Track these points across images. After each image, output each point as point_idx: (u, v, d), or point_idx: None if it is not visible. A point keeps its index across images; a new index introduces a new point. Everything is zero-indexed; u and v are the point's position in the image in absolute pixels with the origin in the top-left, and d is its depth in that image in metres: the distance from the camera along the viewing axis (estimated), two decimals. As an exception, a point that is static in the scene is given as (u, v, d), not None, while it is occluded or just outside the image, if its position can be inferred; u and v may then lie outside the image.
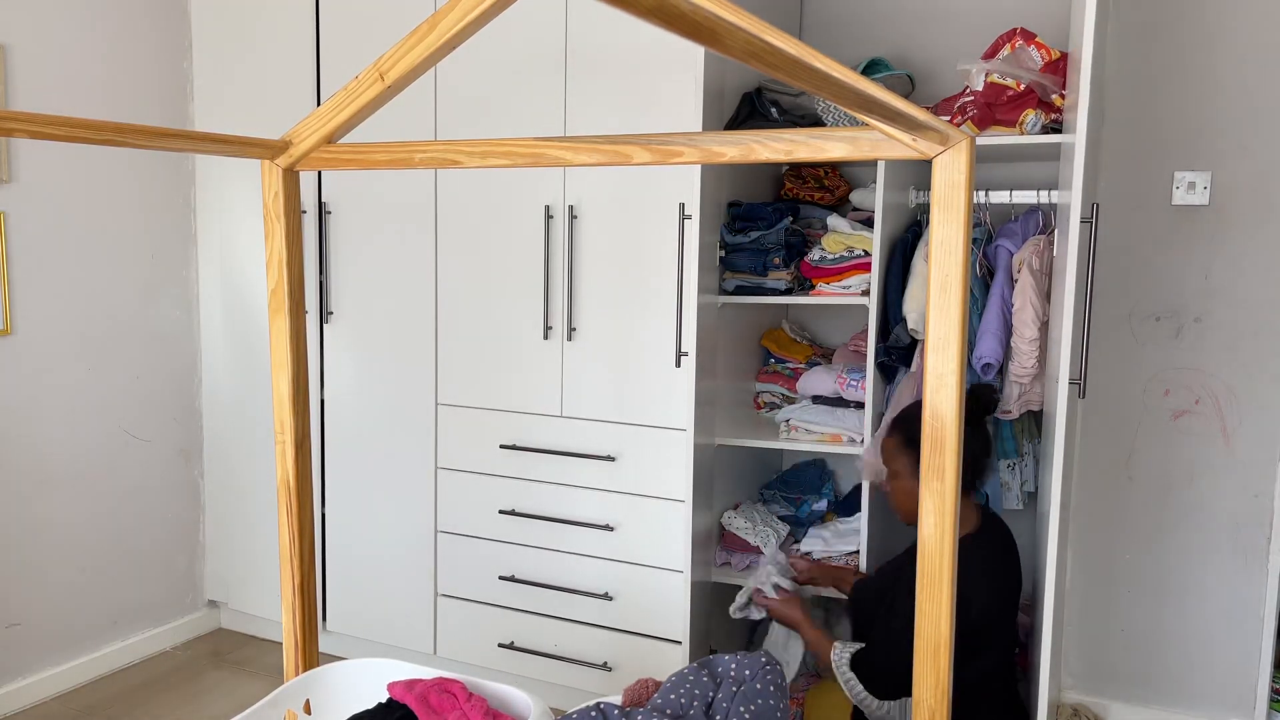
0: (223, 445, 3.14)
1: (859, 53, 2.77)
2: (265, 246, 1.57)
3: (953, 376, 1.12)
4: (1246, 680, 2.57)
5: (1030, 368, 2.32)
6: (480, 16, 1.09)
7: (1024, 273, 2.34)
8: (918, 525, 2.18)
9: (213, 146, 1.39)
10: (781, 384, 2.79)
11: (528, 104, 2.54)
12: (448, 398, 2.74)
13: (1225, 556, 2.57)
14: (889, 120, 1.00)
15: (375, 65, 1.27)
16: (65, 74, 2.70)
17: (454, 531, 2.78)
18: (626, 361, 2.51)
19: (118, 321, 2.90)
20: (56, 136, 1.18)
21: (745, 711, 1.57)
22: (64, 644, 2.80)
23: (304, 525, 1.65)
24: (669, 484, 2.48)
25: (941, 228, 1.10)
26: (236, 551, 3.14)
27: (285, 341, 1.58)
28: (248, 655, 3.08)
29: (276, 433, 1.62)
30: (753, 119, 2.50)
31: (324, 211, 2.85)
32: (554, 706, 2.17)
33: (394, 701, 1.66)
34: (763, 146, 1.21)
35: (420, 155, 1.46)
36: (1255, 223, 2.49)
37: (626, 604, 2.57)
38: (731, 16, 0.63)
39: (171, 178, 3.04)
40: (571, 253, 2.54)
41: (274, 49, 2.87)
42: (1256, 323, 2.51)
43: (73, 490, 2.80)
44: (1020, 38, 2.38)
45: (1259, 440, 2.52)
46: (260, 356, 3.01)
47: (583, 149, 1.33)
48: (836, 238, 2.55)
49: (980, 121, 2.35)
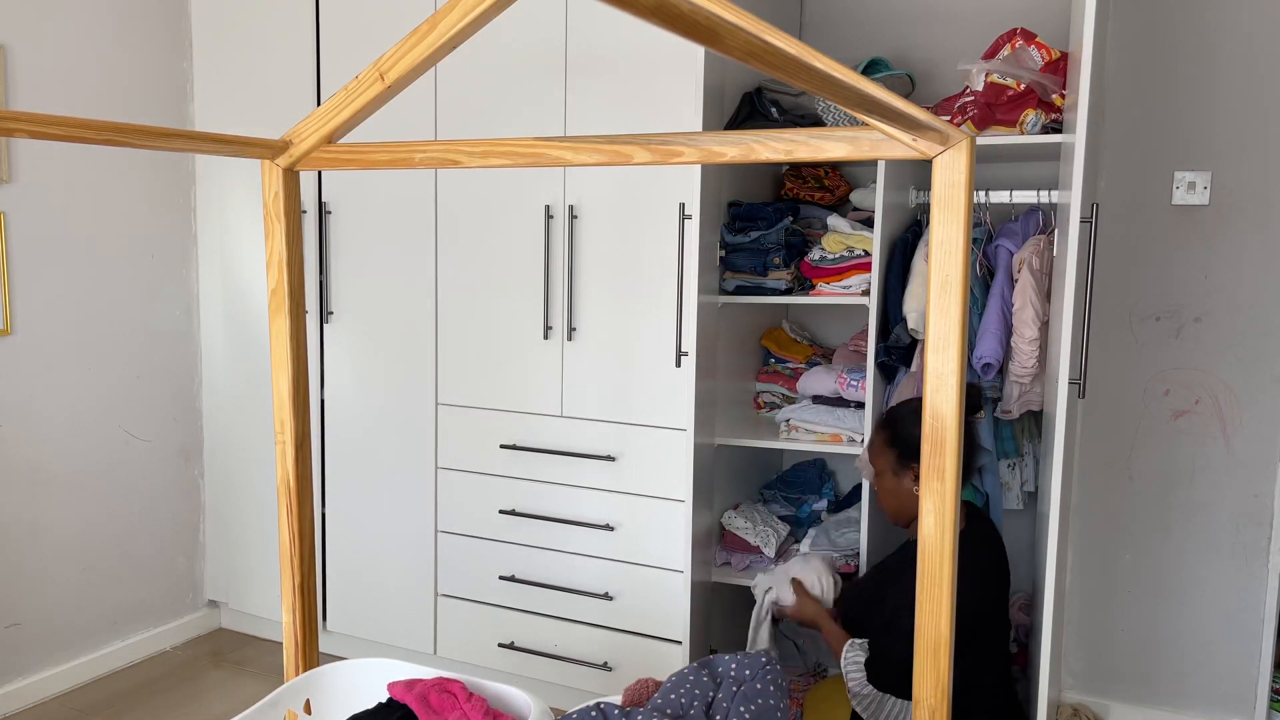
0: (223, 445, 3.14)
1: (859, 53, 2.77)
2: (265, 246, 1.57)
3: (953, 376, 1.12)
4: (1246, 680, 2.57)
5: (1030, 368, 2.32)
6: (480, 16, 1.09)
7: (1024, 273, 2.34)
8: (904, 524, 2.19)
9: (213, 146, 1.39)
10: (781, 384, 2.79)
11: (528, 104, 2.54)
12: (448, 398, 2.74)
13: (1225, 556, 2.57)
14: (889, 120, 1.00)
15: (375, 65, 1.27)
16: (65, 74, 2.70)
17: (454, 531, 2.78)
18: (627, 361, 2.51)
19: (118, 321, 2.90)
20: (56, 136, 1.18)
21: (745, 711, 1.57)
22: (64, 644, 2.80)
23: (304, 525, 1.65)
24: (669, 484, 2.48)
25: (941, 227, 1.10)
26: (236, 551, 3.14)
27: (285, 341, 1.58)
28: (248, 655, 3.08)
29: (276, 433, 1.62)
30: (753, 119, 2.50)
31: (324, 211, 2.85)
32: (554, 706, 2.17)
33: (394, 701, 1.66)
34: (763, 146, 1.21)
35: (420, 155, 1.46)
36: (1255, 223, 2.49)
37: (627, 604, 2.57)
38: (731, 16, 0.63)
39: (171, 178, 3.04)
40: (571, 253, 2.54)
41: (274, 49, 2.87)
42: (1256, 323, 2.51)
43: (73, 490, 2.80)
44: (1020, 38, 2.38)
45: (1259, 440, 2.52)
46: (260, 357, 3.01)
47: (583, 149, 1.33)
48: (836, 238, 2.55)
49: (980, 121, 2.35)
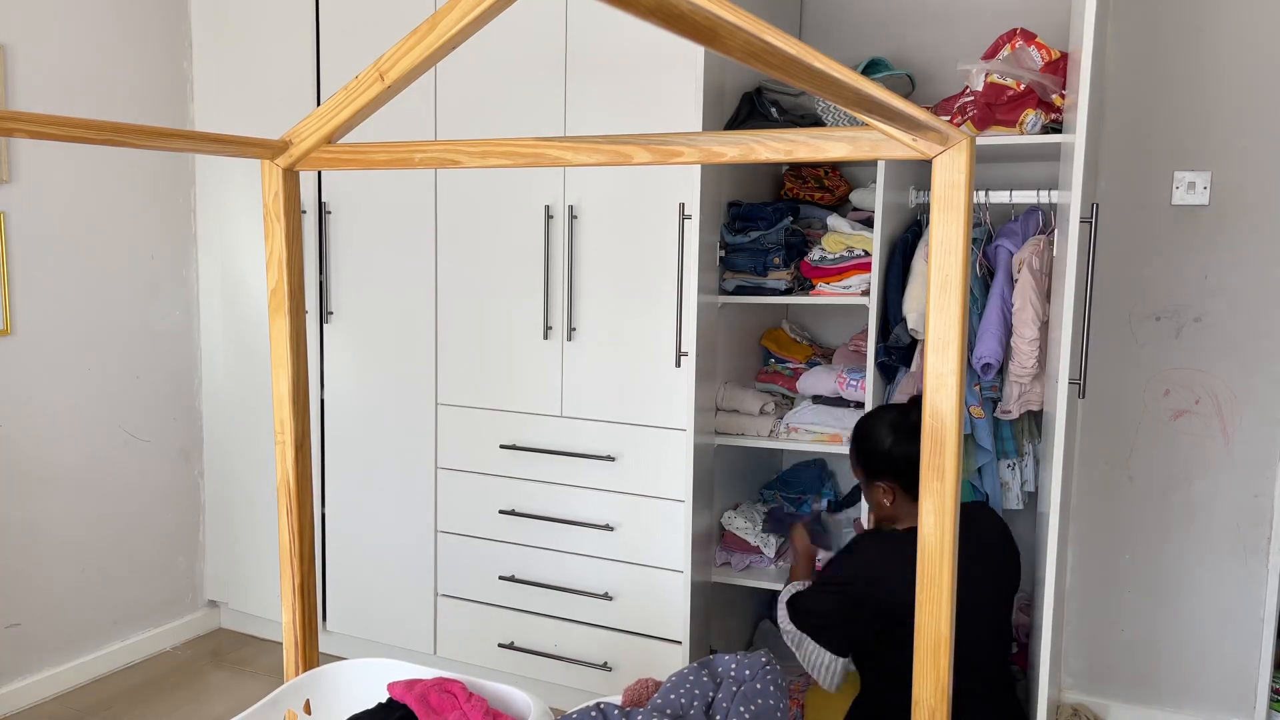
0: (223, 445, 3.14)
1: (859, 53, 2.77)
2: (265, 246, 1.57)
3: (953, 377, 1.12)
4: (1246, 680, 2.57)
5: (1030, 368, 2.32)
6: (480, 16, 1.09)
7: (1024, 273, 2.34)
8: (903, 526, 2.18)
9: (213, 146, 1.39)
10: (781, 384, 2.79)
11: (528, 104, 2.54)
12: (448, 398, 2.74)
13: (1225, 556, 2.57)
14: (889, 120, 1.00)
15: (375, 65, 1.27)
16: (65, 74, 2.70)
17: (454, 531, 2.78)
18: (626, 361, 2.51)
19: (118, 321, 2.90)
20: (56, 136, 1.18)
21: (745, 711, 1.57)
22: (64, 644, 2.80)
23: (304, 525, 1.65)
24: (669, 484, 2.48)
25: (941, 228, 1.10)
26: (236, 551, 3.14)
27: (285, 341, 1.58)
28: (248, 655, 3.08)
29: (276, 433, 1.61)
30: (753, 119, 2.50)
31: (324, 211, 2.85)
32: (554, 706, 2.17)
33: (394, 701, 1.66)
34: (763, 146, 1.21)
35: (420, 155, 1.46)
36: (1255, 223, 2.49)
37: (626, 604, 2.57)
38: (731, 16, 0.63)
39: (171, 178, 3.04)
40: (571, 253, 2.54)
41: (274, 49, 2.87)
42: (1256, 323, 2.51)
43: (73, 490, 2.80)
44: (1020, 38, 2.38)
45: (1259, 440, 2.52)
46: (260, 356, 3.01)
47: (583, 149, 1.33)
48: (836, 238, 2.55)
49: (980, 121, 2.35)
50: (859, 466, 2.10)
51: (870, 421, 2.10)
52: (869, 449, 2.05)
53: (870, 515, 2.16)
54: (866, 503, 2.15)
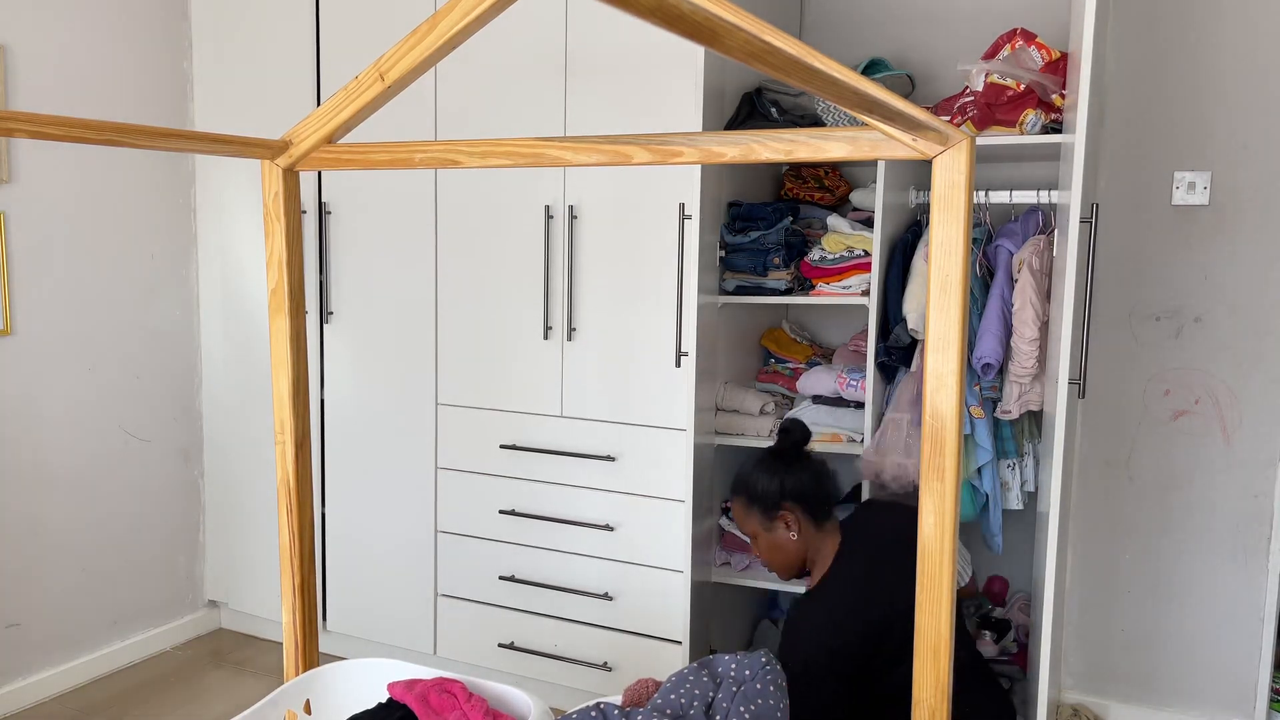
0: (223, 445, 3.14)
1: (859, 53, 2.77)
2: (265, 246, 1.57)
3: (953, 377, 1.12)
4: (1246, 680, 2.57)
5: (1030, 368, 2.32)
6: (480, 16, 1.09)
7: (1024, 273, 2.34)
8: (799, 575, 2.18)
9: (213, 146, 1.39)
10: (781, 384, 2.79)
11: (528, 104, 2.54)
12: (448, 398, 2.74)
13: (1225, 556, 2.57)
14: (889, 120, 1.00)
15: (375, 65, 1.27)
16: (65, 74, 2.70)
17: (454, 531, 2.78)
18: (626, 361, 2.51)
19: (118, 321, 2.90)
20: (56, 136, 1.18)
21: (745, 711, 1.57)
22: (64, 644, 2.80)
23: (304, 525, 1.65)
24: (669, 484, 2.48)
25: (941, 228, 1.10)
26: (236, 551, 3.14)
27: (285, 341, 1.58)
28: (248, 655, 3.08)
29: (276, 433, 1.62)
30: (753, 119, 2.50)
31: (324, 211, 2.85)
32: (554, 706, 2.17)
33: (394, 701, 1.66)
34: (763, 146, 1.21)
35: (420, 155, 1.46)
36: (1255, 223, 2.49)
37: (626, 604, 2.57)
38: (731, 16, 0.63)
39: (171, 178, 3.04)
40: (571, 253, 2.54)
41: (274, 49, 2.87)
42: (1256, 323, 2.51)
43: (73, 490, 2.80)
44: (1020, 38, 2.38)
45: (1259, 440, 2.52)
46: (260, 356, 3.01)
47: (583, 149, 1.33)
48: (836, 238, 2.55)
49: (980, 121, 2.35)
50: (752, 514, 2.10)
51: (747, 472, 2.12)
52: (761, 492, 2.07)
53: (775, 567, 2.14)
54: (770, 556, 2.12)
